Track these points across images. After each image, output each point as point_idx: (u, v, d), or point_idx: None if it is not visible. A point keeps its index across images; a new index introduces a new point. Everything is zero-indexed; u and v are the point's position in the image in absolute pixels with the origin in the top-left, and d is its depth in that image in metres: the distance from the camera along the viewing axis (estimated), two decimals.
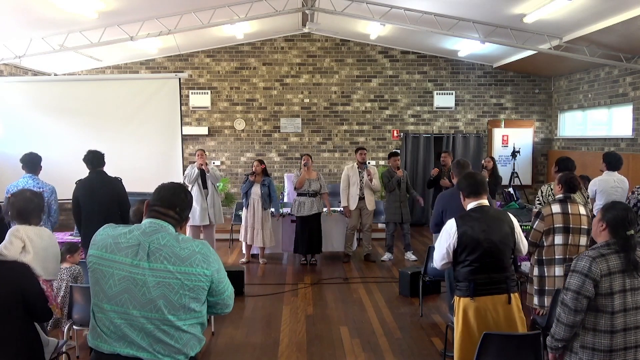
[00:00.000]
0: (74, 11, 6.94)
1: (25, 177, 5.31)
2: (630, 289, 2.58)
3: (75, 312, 4.26)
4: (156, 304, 2.09)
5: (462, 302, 3.34)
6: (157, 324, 2.10)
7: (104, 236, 2.21)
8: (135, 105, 7.81)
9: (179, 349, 2.14)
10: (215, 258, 2.23)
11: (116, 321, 2.11)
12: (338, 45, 11.39)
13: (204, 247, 2.22)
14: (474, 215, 3.38)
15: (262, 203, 7.77)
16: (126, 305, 2.10)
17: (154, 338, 2.10)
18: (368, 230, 8.20)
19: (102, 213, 5.32)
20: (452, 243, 3.33)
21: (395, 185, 8.04)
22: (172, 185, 2.34)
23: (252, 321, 5.60)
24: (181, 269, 2.12)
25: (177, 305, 2.11)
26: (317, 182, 7.84)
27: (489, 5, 7.38)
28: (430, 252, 5.82)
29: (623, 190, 5.69)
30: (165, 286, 2.10)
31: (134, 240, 2.15)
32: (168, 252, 2.13)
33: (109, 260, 2.13)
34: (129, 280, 2.10)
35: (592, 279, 2.57)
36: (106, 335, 2.12)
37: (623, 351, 2.57)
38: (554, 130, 11.44)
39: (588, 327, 2.62)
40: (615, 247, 2.62)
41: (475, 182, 3.47)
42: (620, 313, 2.57)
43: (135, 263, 2.11)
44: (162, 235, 2.17)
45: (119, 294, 2.10)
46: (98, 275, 2.15)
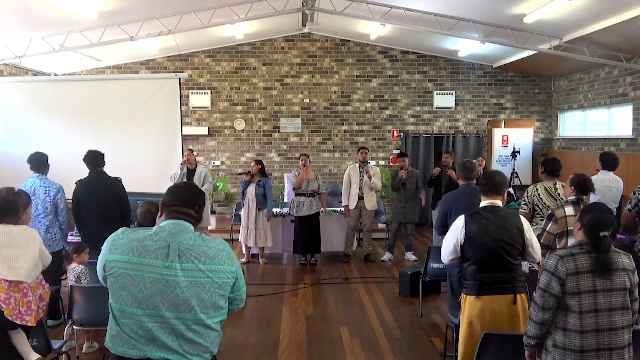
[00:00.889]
0: (74, 11, 6.94)
1: (33, 177, 5.30)
2: (603, 289, 2.58)
3: (75, 312, 4.25)
4: (189, 303, 2.11)
5: (468, 301, 3.36)
6: (189, 324, 2.12)
7: (127, 240, 2.17)
8: (135, 105, 7.81)
9: (207, 347, 2.17)
10: (234, 255, 2.30)
11: (148, 325, 2.09)
12: (338, 45, 11.39)
13: (225, 245, 2.28)
14: (484, 214, 3.39)
15: (257, 203, 7.76)
16: (159, 307, 2.09)
17: (184, 339, 2.12)
18: (368, 230, 8.20)
19: (102, 213, 5.32)
20: (459, 239, 3.35)
21: (399, 185, 8.06)
22: (187, 184, 2.42)
23: (252, 321, 5.60)
24: (212, 267, 2.16)
25: (208, 303, 2.14)
26: (316, 182, 7.85)
27: (489, 5, 7.38)
28: (430, 252, 5.82)
29: (617, 191, 5.67)
30: (197, 285, 2.12)
31: (162, 242, 2.15)
32: (198, 251, 2.16)
33: (138, 264, 2.12)
34: (161, 282, 2.10)
35: (558, 277, 2.60)
36: (134, 340, 2.11)
37: (595, 352, 2.56)
38: (554, 130, 11.44)
39: (559, 326, 2.64)
40: (587, 247, 2.64)
41: (491, 182, 3.46)
42: (591, 313, 2.56)
43: (167, 265, 2.11)
44: (188, 235, 2.19)
45: (151, 297, 2.09)
46: (125, 280, 2.12)
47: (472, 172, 4.69)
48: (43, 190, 5.21)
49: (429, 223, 10.27)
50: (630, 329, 2.62)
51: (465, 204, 4.50)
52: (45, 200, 5.22)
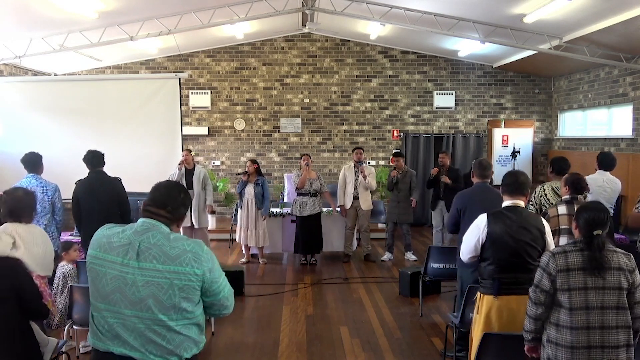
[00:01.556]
0: (74, 11, 6.94)
1: (28, 177, 5.31)
2: (594, 287, 2.60)
3: (75, 312, 4.25)
4: (146, 303, 2.10)
5: (486, 300, 3.36)
6: (149, 323, 2.11)
7: (100, 236, 2.23)
8: (135, 105, 7.81)
9: (171, 350, 2.13)
10: (208, 257, 2.20)
11: (109, 320, 2.13)
12: (338, 45, 11.39)
13: (196, 245, 2.19)
14: (507, 213, 3.39)
15: (256, 203, 7.77)
16: (118, 304, 2.12)
17: (145, 338, 2.11)
18: (366, 230, 8.21)
19: (102, 213, 5.32)
20: (481, 237, 3.35)
21: (392, 185, 8.06)
22: (167, 184, 2.35)
23: (252, 321, 5.60)
24: (170, 268, 2.12)
25: (167, 305, 2.11)
26: (317, 182, 7.88)
27: (489, 5, 7.37)
28: (430, 252, 5.82)
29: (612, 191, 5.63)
30: (154, 285, 2.11)
31: (125, 240, 2.16)
32: (157, 251, 2.13)
33: (103, 259, 2.16)
34: (119, 279, 2.12)
35: (549, 273, 2.66)
36: (101, 333, 2.15)
37: (587, 349, 2.58)
38: (554, 130, 11.44)
39: (552, 322, 2.69)
40: (581, 245, 2.68)
41: (516, 182, 3.45)
42: (582, 310, 2.59)
43: (125, 262, 2.12)
44: (152, 234, 2.17)
45: (111, 293, 2.12)
46: (93, 274, 2.18)
47: (487, 170, 4.64)
48: (40, 189, 5.22)
49: (429, 223, 10.26)
50: (629, 330, 2.62)
51: (480, 202, 4.44)
52: (43, 199, 5.22)
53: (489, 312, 3.33)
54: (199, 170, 7.88)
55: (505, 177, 3.55)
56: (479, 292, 3.45)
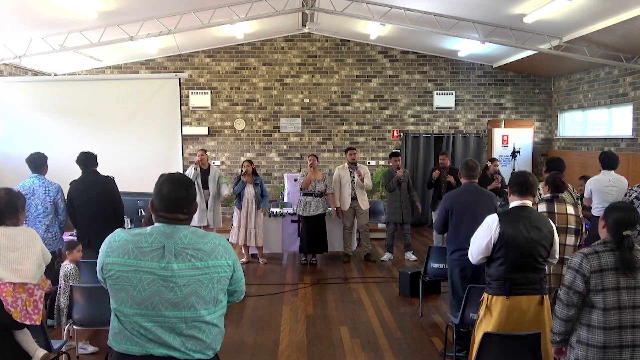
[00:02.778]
0: (74, 11, 6.94)
1: (31, 177, 5.31)
2: (627, 287, 2.61)
3: (75, 312, 4.26)
4: (189, 301, 2.12)
5: (495, 300, 3.34)
6: (190, 321, 2.12)
7: (122, 242, 2.16)
8: (135, 105, 7.80)
9: (209, 344, 2.18)
10: (232, 248, 2.31)
11: (145, 324, 2.10)
12: (338, 45, 11.39)
13: (221, 239, 2.28)
14: (517, 213, 3.39)
15: (257, 203, 7.80)
16: (158, 307, 2.10)
17: (186, 336, 2.13)
18: (365, 230, 8.21)
19: (96, 212, 5.33)
20: (493, 237, 3.33)
21: (395, 185, 8.04)
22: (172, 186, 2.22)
23: (252, 321, 5.60)
24: (208, 262, 2.16)
25: (208, 299, 2.15)
26: (323, 183, 7.88)
27: (489, 5, 7.37)
28: (430, 252, 5.82)
29: (619, 190, 5.66)
30: (195, 283, 2.13)
31: (157, 244, 2.14)
32: (193, 249, 2.16)
33: (134, 266, 2.12)
34: (158, 284, 2.10)
35: (582, 274, 2.64)
36: (137, 337, 2.12)
37: (618, 349, 2.59)
38: (554, 130, 11.44)
39: (583, 323, 2.68)
40: (611, 245, 2.67)
41: (525, 182, 3.45)
42: (614, 310, 2.59)
43: (163, 266, 2.11)
44: (183, 234, 2.18)
45: (150, 298, 2.10)
46: (124, 282, 2.12)
47: (474, 170, 4.68)
48: (43, 190, 5.22)
49: (429, 223, 10.26)
50: None
51: (466, 202, 4.50)
52: (46, 200, 5.23)
53: (500, 313, 3.30)
54: (214, 170, 8.03)
55: (514, 178, 3.54)
56: (487, 294, 3.42)
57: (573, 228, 4.07)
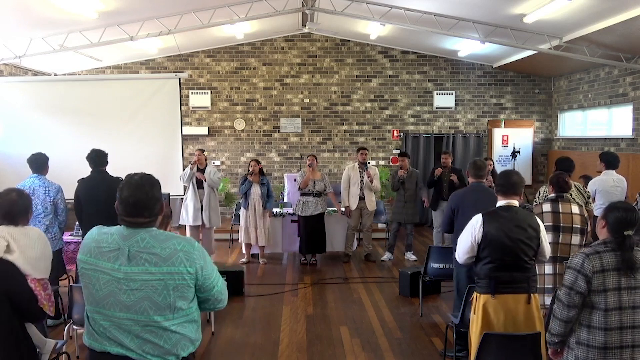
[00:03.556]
0: (74, 11, 6.93)
1: (32, 177, 5.31)
2: (627, 287, 2.60)
3: (75, 312, 4.26)
4: (141, 305, 2.09)
5: (483, 299, 3.36)
6: (144, 325, 2.10)
7: (89, 240, 2.22)
8: (135, 105, 7.81)
9: (168, 349, 2.13)
10: (199, 255, 2.18)
11: (103, 323, 2.13)
12: (338, 45, 11.39)
13: (187, 244, 2.16)
14: (502, 213, 3.40)
15: (263, 202, 7.81)
16: (112, 308, 2.11)
17: (142, 339, 2.11)
18: (368, 230, 8.21)
19: (103, 212, 5.28)
20: (476, 237, 3.35)
21: (398, 185, 8.05)
22: (132, 190, 2.17)
23: (252, 321, 5.60)
24: (163, 269, 2.10)
25: (162, 305, 2.10)
26: (322, 183, 7.87)
27: (489, 5, 7.37)
28: (430, 252, 5.82)
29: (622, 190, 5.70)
30: (148, 288, 2.09)
31: (114, 245, 2.14)
32: (148, 253, 2.11)
33: (93, 265, 2.15)
34: (112, 284, 2.11)
35: (584, 275, 2.62)
36: (97, 334, 2.15)
37: (619, 349, 2.59)
38: (554, 130, 11.44)
39: (583, 324, 2.67)
40: (612, 245, 2.66)
41: (510, 182, 3.46)
42: (615, 311, 2.59)
43: (116, 267, 2.11)
44: (141, 237, 2.14)
45: (105, 298, 2.12)
46: (86, 279, 2.18)
47: (482, 170, 4.70)
48: (43, 190, 5.22)
49: (429, 223, 10.27)
50: None
51: (473, 202, 4.48)
52: (45, 200, 5.22)
53: (486, 312, 3.33)
54: (209, 169, 7.94)
55: (499, 178, 3.55)
56: (475, 292, 3.45)
57: (578, 227, 4.08)
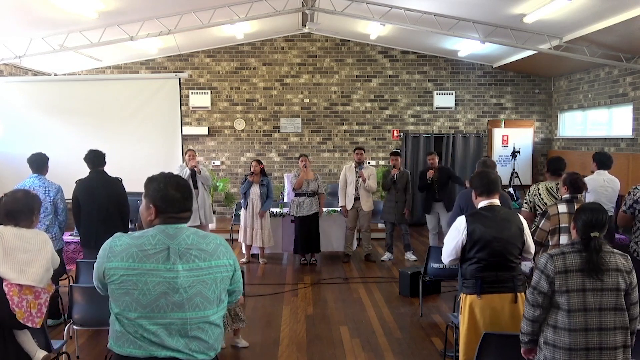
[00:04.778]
0: (74, 11, 6.94)
1: (31, 177, 5.31)
2: (592, 289, 2.59)
3: (75, 312, 4.25)
4: (194, 302, 2.13)
5: (469, 300, 3.37)
6: (195, 322, 2.14)
7: (125, 246, 2.15)
8: (135, 105, 7.81)
9: (211, 344, 2.20)
10: (231, 248, 2.33)
11: (150, 327, 2.10)
12: (338, 45, 11.39)
13: (221, 239, 2.31)
14: (484, 213, 3.41)
15: (262, 203, 7.80)
16: (164, 309, 2.10)
17: (190, 338, 2.14)
18: (367, 230, 8.21)
19: (102, 213, 5.32)
20: (460, 239, 3.37)
21: (389, 184, 8.03)
22: (179, 186, 2.24)
23: (252, 321, 5.59)
24: (212, 263, 2.19)
25: (212, 299, 2.18)
26: (315, 182, 7.87)
27: (489, 5, 7.37)
28: (430, 252, 5.82)
29: (613, 190, 5.67)
30: (199, 283, 2.15)
31: (161, 245, 2.14)
32: (197, 249, 2.18)
33: (139, 269, 2.11)
34: (164, 285, 2.11)
35: (547, 275, 2.65)
36: (140, 340, 2.11)
37: (584, 351, 2.57)
38: (554, 130, 11.44)
39: (550, 324, 2.67)
40: (579, 246, 2.67)
41: (488, 181, 3.48)
42: (580, 312, 2.58)
43: (169, 267, 2.12)
44: (186, 234, 2.20)
45: (156, 300, 2.10)
46: (128, 286, 2.11)
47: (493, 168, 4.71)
48: (43, 190, 5.22)
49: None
50: (626, 332, 2.62)
51: None
52: (45, 200, 5.21)
53: (472, 312, 3.35)
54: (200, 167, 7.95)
55: (477, 180, 3.54)
56: (462, 293, 3.46)
57: None
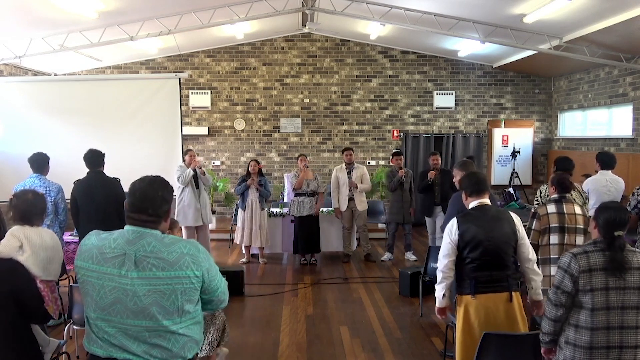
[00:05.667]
0: (74, 11, 6.93)
1: (32, 177, 5.32)
2: (615, 287, 2.60)
3: (75, 312, 4.26)
4: (149, 311, 2.07)
5: (464, 300, 3.37)
6: (152, 330, 2.08)
7: (89, 246, 2.15)
8: (135, 105, 7.81)
9: (175, 352, 2.12)
10: (204, 257, 2.18)
11: (108, 330, 2.09)
12: (338, 45, 11.39)
13: (192, 247, 2.16)
14: (475, 213, 3.42)
15: (260, 203, 7.79)
16: (119, 315, 2.08)
17: (149, 345, 2.09)
18: (364, 230, 8.20)
19: (100, 213, 5.32)
20: (454, 240, 3.37)
21: (396, 185, 8.02)
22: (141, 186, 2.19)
23: (252, 321, 5.60)
24: (171, 273, 2.08)
25: (170, 310, 2.09)
26: (315, 182, 7.88)
27: (489, 5, 7.37)
28: (430, 252, 5.82)
29: (616, 190, 5.68)
30: (156, 293, 2.07)
31: (119, 250, 2.10)
32: (155, 258, 2.08)
33: (97, 271, 2.10)
34: (119, 291, 2.07)
35: (571, 274, 2.64)
36: (101, 341, 2.11)
37: (605, 350, 2.58)
38: (554, 130, 11.44)
39: (571, 323, 2.68)
40: (602, 245, 2.67)
41: (477, 181, 3.49)
42: (602, 311, 2.59)
43: (123, 274, 2.07)
44: (147, 241, 2.11)
45: (112, 305, 2.08)
46: (88, 287, 2.12)
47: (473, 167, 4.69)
48: (43, 190, 5.22)
49: None
50: None
51: None
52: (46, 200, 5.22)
53: (467, 312, 3.34)
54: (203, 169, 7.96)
55: (467, 180, 3.54)
56: (457, 294, 3.45)
57: (582, 228, 4.09)
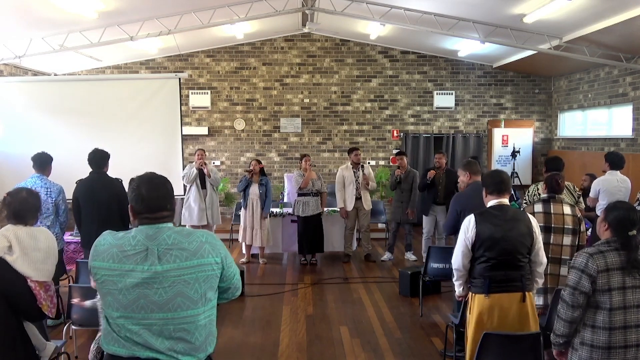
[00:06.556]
0: (74, 11, 6.93)
1: (33, 176, 5.32)
2: (632, 287, 2.60)
3: (75, 312, 4.25)
4: (174, 302, 2.10)
5: (477, 299, 3.35)
6: (177, 323, 2.11)
7: (107, 246, 2.17)
8: (135, 105, 7.81)
9: (198, 346, 2.16)
10: (221, 244, 2.26)
11: (132, 327, 2.10)
12: (338, 45, 11.39)
13: (209, 236, 2.24)
14: (494, 212, 3.40)
15: (261, 203, 7.80)
16: (144, 310, 2.09)
17: (173, 339, 2.11)
18: (367, 230, 8.20)
19: (102, 214, 5.32)
20: (469, 237, 3.35)
21: (394, 185, 8.02)
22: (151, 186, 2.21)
23: (252, 321, 5.60)
24: (194, 262, 2.14)
25: (195, 298, 2.13)
26: (319, 182, 7.90)
27: (489, 5, 7.37)
28: (430, 252, 5.82)
29: (626, 190, 5.72)
30: (180, 283, 2.11)
31: (141, 247, 2.13)
32: (178, 249, 2.14)
33: (119, 270, 2.11)
34: (142, 286, 2.10)
35: (589, 274, 2.61)
36: (123, 340, 2.12)
37: (623, 349, 2.58)
38: (554, 130, 11.44)
39: (587, 324, 2.66)
40: (616, 245, 2.65)
41: (500, 180, 3.47)
42: (620, 310, 2.59)
43: (147, 268, 2.10)
44: (167, 234, 2.16)
45: (135, 301, 2.10)
46: (109, 286, 2.13)
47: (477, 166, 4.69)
48: (44, 190, 5.22)
49: None
50: None
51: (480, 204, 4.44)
52: (47, 200, 5.22)
53: (481, 312, 3.33)
54: (210, 168, 8.04)
55: (489, 178, 3.54)
56: (470, 292, 3.45)
57: (570, 228, 4.06)
